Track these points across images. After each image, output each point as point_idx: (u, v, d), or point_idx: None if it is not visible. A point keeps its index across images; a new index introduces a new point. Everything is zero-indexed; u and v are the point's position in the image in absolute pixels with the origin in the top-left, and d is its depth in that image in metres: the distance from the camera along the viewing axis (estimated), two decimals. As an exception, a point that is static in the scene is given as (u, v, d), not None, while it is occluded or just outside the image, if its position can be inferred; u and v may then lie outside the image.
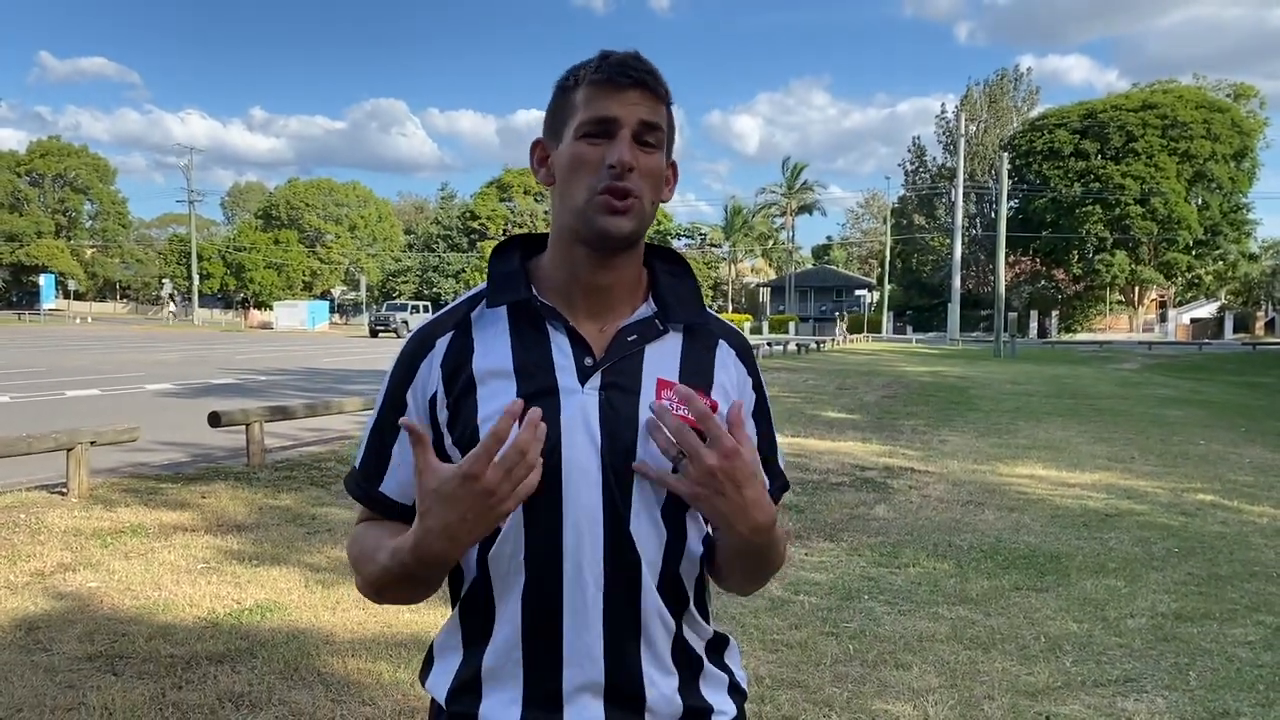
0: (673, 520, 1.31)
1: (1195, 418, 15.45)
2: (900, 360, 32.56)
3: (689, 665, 1.34)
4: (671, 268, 1.40)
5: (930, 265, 70.10)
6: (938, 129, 70.96)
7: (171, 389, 17.69)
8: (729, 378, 1.37)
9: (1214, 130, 58.42)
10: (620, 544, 1.27)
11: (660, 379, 1.29)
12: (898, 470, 9.45)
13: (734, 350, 1.40)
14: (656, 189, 1.30)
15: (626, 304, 1.35)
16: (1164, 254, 61.29)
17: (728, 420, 1.21)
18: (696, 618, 1.36)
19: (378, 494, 1.37)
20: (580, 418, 1.26)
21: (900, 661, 4.36)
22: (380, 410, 1.38)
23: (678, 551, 1.31)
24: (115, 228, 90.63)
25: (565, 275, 1.33)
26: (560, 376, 1.28)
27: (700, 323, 1.37)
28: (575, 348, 1.30)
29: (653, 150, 1.28)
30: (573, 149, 1.27)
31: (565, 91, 1.30)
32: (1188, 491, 8.64)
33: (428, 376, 1.33)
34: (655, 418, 1.22)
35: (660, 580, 1.30)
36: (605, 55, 1.28)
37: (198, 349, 33.98)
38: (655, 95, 1.28)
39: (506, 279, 1.34)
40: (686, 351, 1.35)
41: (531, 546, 1.27)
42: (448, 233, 80.00)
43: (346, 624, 4.72)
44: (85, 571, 5.53)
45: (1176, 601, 5.33)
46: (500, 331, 1.32)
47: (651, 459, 1.26)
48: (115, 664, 4.15)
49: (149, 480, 8.25)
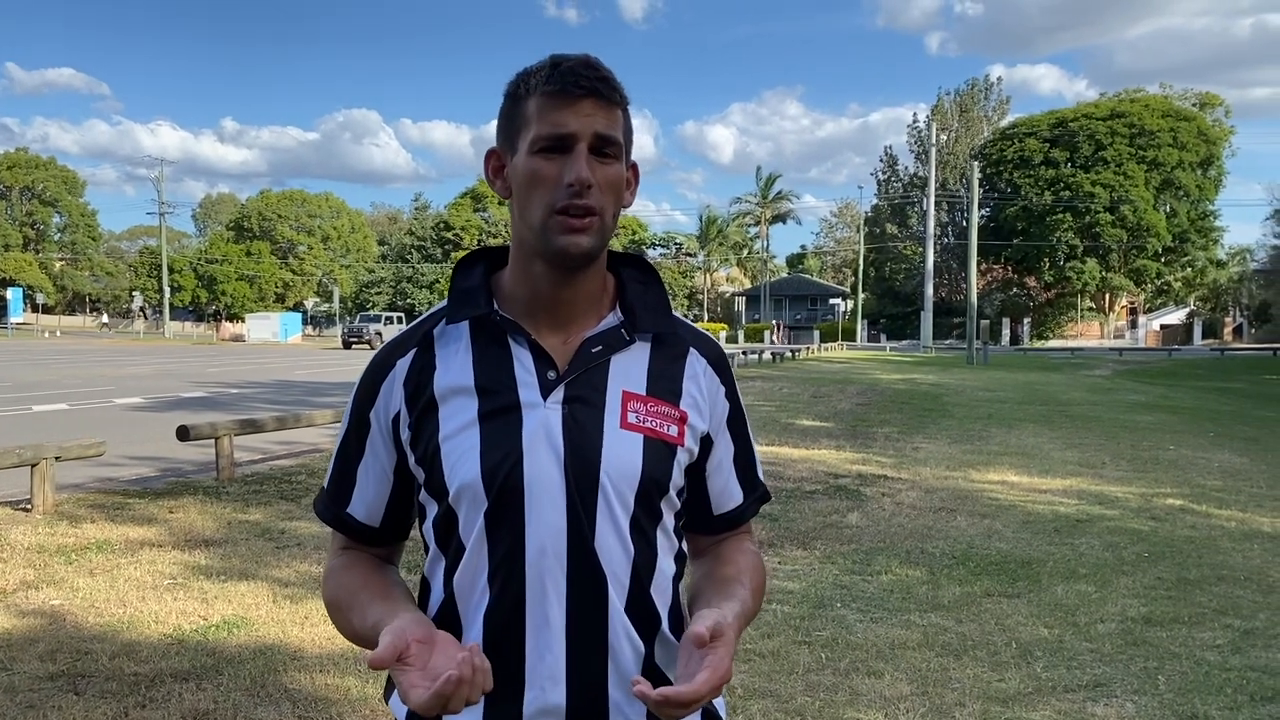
0: (642, 538, 1.28)
1: (1165, 423, 15.59)
2: (874, 368, 32.70)
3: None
4: (639, 275, 1.37)
5: (903, 274, 70.45)
6: (909, 138, 71.54)
7: (141, 403, 17.50)
8: (699, 387, 1.34)
9: (1181, 139, 59.20)
10: (585, 562, 1.24)
11: (626, 391, 1.28)
12: (871, 478, 9.47)
13: (705, 359, 1.36)
14: (617, 199, 1.26)
15: (592, 314, 1.31)
16: (1134, 261, 61.96)
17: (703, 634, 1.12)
18: (671, 640, 1.31)
19: (345, 515, 1.35)
20: (542, 433, 1.24)
21: (872, 669, 4.36)
22: (345, 432, 1.36)
23: (648, 570, 1.28)
24: (85, 240, 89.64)
25: (527, 290, 1.29)
26: (522, 391, 1.26)
27: (669, 331, 1.34)
28: (538, 361, 1.27)
29: (611, 160, 1.24)
30: (528, 164, 1.23)
31: (517, 100, 1.26)
32: (1157, 496, 8.71)
33: (390, 396, 1.31)
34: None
35: (629, 600, 1.26)
36: (556, 63, 1.23)
37: (168, 362, 33.65)
38: (610, 102, 1.23)
39: (467, 294, 1.31)
40: (654, 361, 1.32)
41: (494, 566, 1.24)
42: (422, 243, 79.70)
43: (315, 639, 4.67)
44: (48, 589, 5.44)
45: (1146, 606, 5.36)
46: (462, 348, 1.30)
47: (618, 472, 1.24)
48: (77, 683, 4.08)
49: (116, 495, 8.14)
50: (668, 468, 1.28)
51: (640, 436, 1.27)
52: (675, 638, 1.31)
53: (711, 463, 1.37)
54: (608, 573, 1.24)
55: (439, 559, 1.32)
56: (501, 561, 1.24)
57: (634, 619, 1.27)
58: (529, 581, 1.23)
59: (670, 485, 1.30)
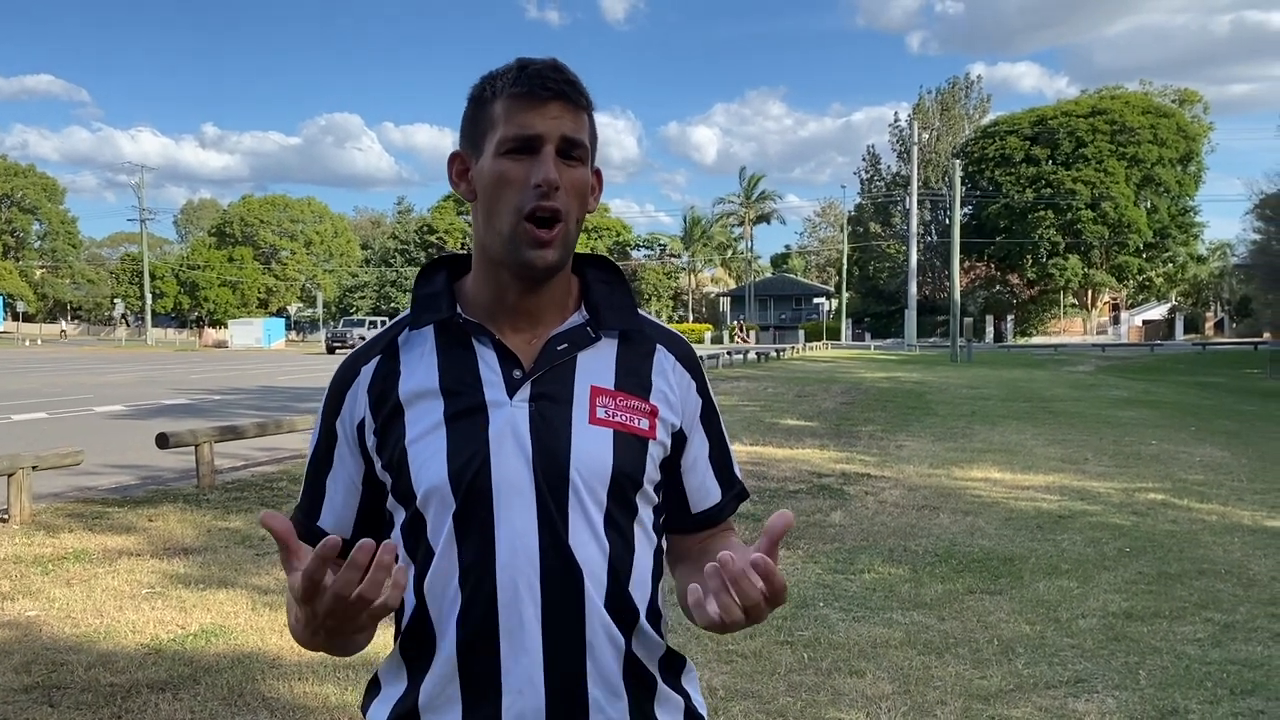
0: (617, 533, 1.26)
1: (1147, 418, 15.68)
2: (858, 367, 32.77)
3: (641, 685, 1.28)
4: (603, 275, 1.36)
5: (887, 272, 70.65)
6: (891, 137, 71.71)
7: (122, 411, 17.38)
8: (668, 383, 1.33)
9: (1160, 135, 59.58)
10: (559, 561, 1.22)
11: (594, 386, 1.27)
12: (854, 476, 9.47)
13: (674, 355, 1.35)
14: (582, 204, 1.26)
15: (556, 315, 1.31)
16: (1115, 257, 62.31)
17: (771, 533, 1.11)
18: (649, 633, 1.29)
19: (317, 529, 1.32)
20: (509, 431, 1.22)
21: (854, 669, 4.35)
22: (314, 443, 1.35)
23: (625, 565, 1.26)
24: (65, 248, 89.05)
25: (491, 294, 1.29)
26: (488, 391, 1.24)
27: (635, 328, 1.33)
28: (503, 361, 1.26)
29: (577, 164, 1.24)
30: (495, 165, 1.22)
31: (482, 103, 1.25)
32: (1139, 491, 8.74)
33: (354, 404, 1.30)
34: (717, 569, 1.11)
35: (607, 596, 1.24)
36: (523, 65, 1.23)
37: (150, 369, 33.45)
38: (577, 106, 1.23)
39: (430, 300, 1.31)
40: (622, 357, 1.31)
41: (465, 570, 1.22)
42: (405, 247, 79.51)
43: (294, 647, 4.63)
44: (24, 600, 5.38)
45: (1127, 601, 5.37)
46: (426, 352, 1.29)
47: (588, 468, 1.23)
48: (52, 695, 4.03)
49: (94, 504, 8.07)
50: (640, 461, 1.27)
51: (610, 431, 1.25)
52: (654, 631, 1.30)
53: (686, 460, 1.36)
54: (584, 569, 1.22)
55: (408, 565, 1.29)
56: (472, 564, 1.22)
57: (614, 614, 1.25)
58: (500, 583, 1.21)
59: (644, 479, 1.28)
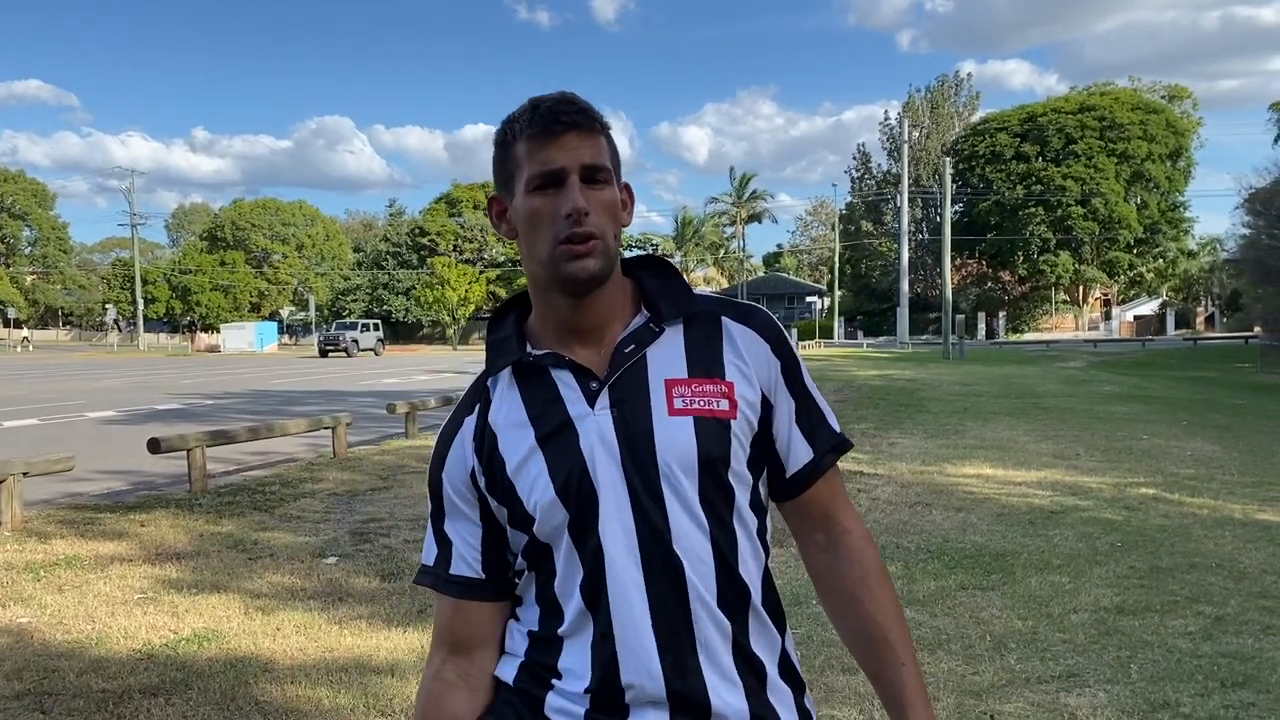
0: (716, 518, 1.30)
1: (1139, 413, 15.72)
2: (851, 365, 32.81)
3: (753, 674, 1.32)
4: (655, 272, 1.42)
5: (879, 270, 70.71)
6: (882, 135, 71.69)
7: (114, 416, 17.34)
8: (741, 355, 1.35)
9: (1150, 131, 59.75)
10: (660, 555, 1.27)
11: (668, 379, 1.31)
12: (847, 474, 9.46)
13: (742, 323, 1.38)
14: (615, 220, 1.32)
15: (618, 322, 1.36)
16: (1106, 253, 62.49)
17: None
18: (764, 616, 1.34)
19: (450, 577, 1.39)
20: (597, 439, 1.28)
21: (847, 666, 4.35)
22: (431, 506, 1.43)
23: (730, 548, 1.31)
24: (56, 253, 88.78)
25: (553, 320, 1.35)
26: (571, 407, 1.31)
27: (695, 311, 1.37)
28: (579, 377, 1.32)
29: (602, 185, 1.30)
30: (527, 204, 1.29)
31: (505, 146, 1.33)
32: (1131, 486, 8.77)
33: (462, 456, 1.37)
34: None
35: (716, 582, 1.29)
36: (535, 104, 1.30)
37: (143, 374, 33.36)
38: (592, 131, 1.30)
39: (500, 345, 1.39)
40: (690, 343, 1.35)
41: (586, 579, 1.29)
42: (397, 249, 79.35)
43: (287, 650, 4.62)
44: (15, 606, 5.37)
45: (1119, 595, 5.39)
46: (510, 390, 1.36)
47: (675, 459, 1.27)
48: (44, 701, 4.03)
49: (86, 510, 8.05)
50: (725, 442, 1.30)
51: (690, 419, 1.29)
52: (767, 614, 1.34)
53: (776, 426, 1.38)
54: (686, 561, 1.27)
55: (529, 580, 1.37)
56: (590, 572, 1.29)
57: (722, 601, 1.29)
58: (610, 582, 1.27)
59: (732, 459, 1.31)
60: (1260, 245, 32.03)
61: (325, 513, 7.88)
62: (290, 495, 8.61)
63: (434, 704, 1.39)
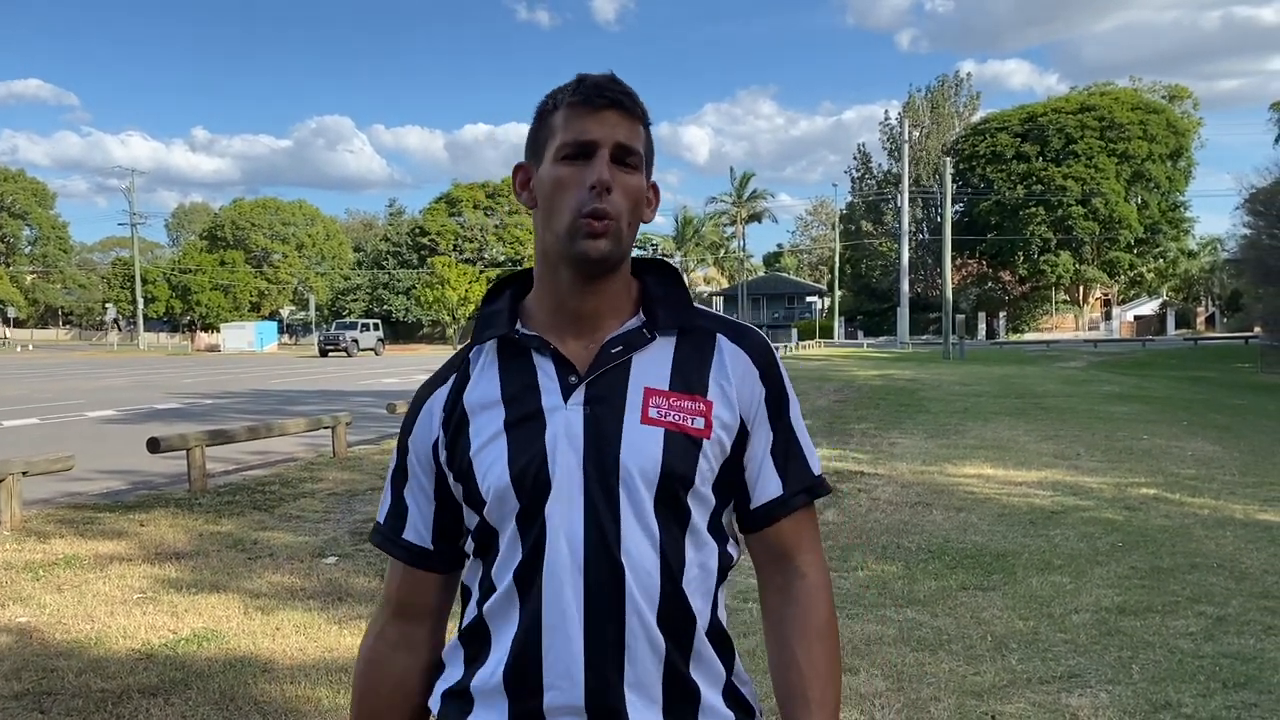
0: (669, 534, 1.26)
1: (1139, 413, 15.71)
2: (852, 365, 32.81)
3: (685, 698, 1.27)
4: (661, 277, 1.39)
5: (879, 270, 70.67)
6: (882, 135, 71.59)
7: (114, 415, 17.33)
8: (727, 377, 1.31)
9: (1150, 131, 59.73)
10: (604, 560, 1.24)
11: (648, 388, 1.28)
12: (848, 474, 9.47)
13: (736, 344, 1.34)
14: (637, 210, 1.30)
15: (615, 320, 1.33)
16: (1106, 253, 62.46)
17: None
18: (709, 650, 1.29)
19: (402, 542, 1.39)
20: (564, 433, 1.26)
21: (848, 666, 4.35)
22: (393, 462, 1.42)
23: (678, 567, 1.26)
24: (56, 253, 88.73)
25: (552, 301, 1.33)
26: (544, 397, 1.29)
27: (691, 324, 1.34)
28: (559, 368, 1.30)
29: (632, 171, 1.29)
30: (553, 171, 1.28)
31: (544, 115, 1.31)
32: (1131, 486, 8.76)
33: (428, 424, 1.36)
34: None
35: (660, 599, 1.25)
36: (582, 79, 1.29)
37: (142, 374, 33.36)
38: (633, 115, 1.29)
39: (491, 318, 1.37)
40: (679, 356, 1.32)
41: (520, 567, 1.27)
42: (397, 249, 79.36)
43: (286, 650, 4.61)
44: (15, 606, 5.36)
45: (1120, 595, 5.38)
46: (488, 367, 1.35)
47: (636, 467, 1.24)
48: (43, 701, 4.02)
49: (86, 510, 8.05)
50: (692, 461, 1.26)
51: (661, 431, 1.26)
52: (711, 644, 1.30)
53: (749, 454, 1.34)
54: (630, 571, 1.23)
55: (476, 566, 1.35)
56: (526, 562, 1.26)
57: (662, 622, 1.25)
58: (546, 581, 1.24)
59: (696, 478, 1.27)
60: (1261, 245, 32.00)
61: (325, 512, 7.87)
62: (290, 495, 8.60)
63: (375, 664, 1.40)
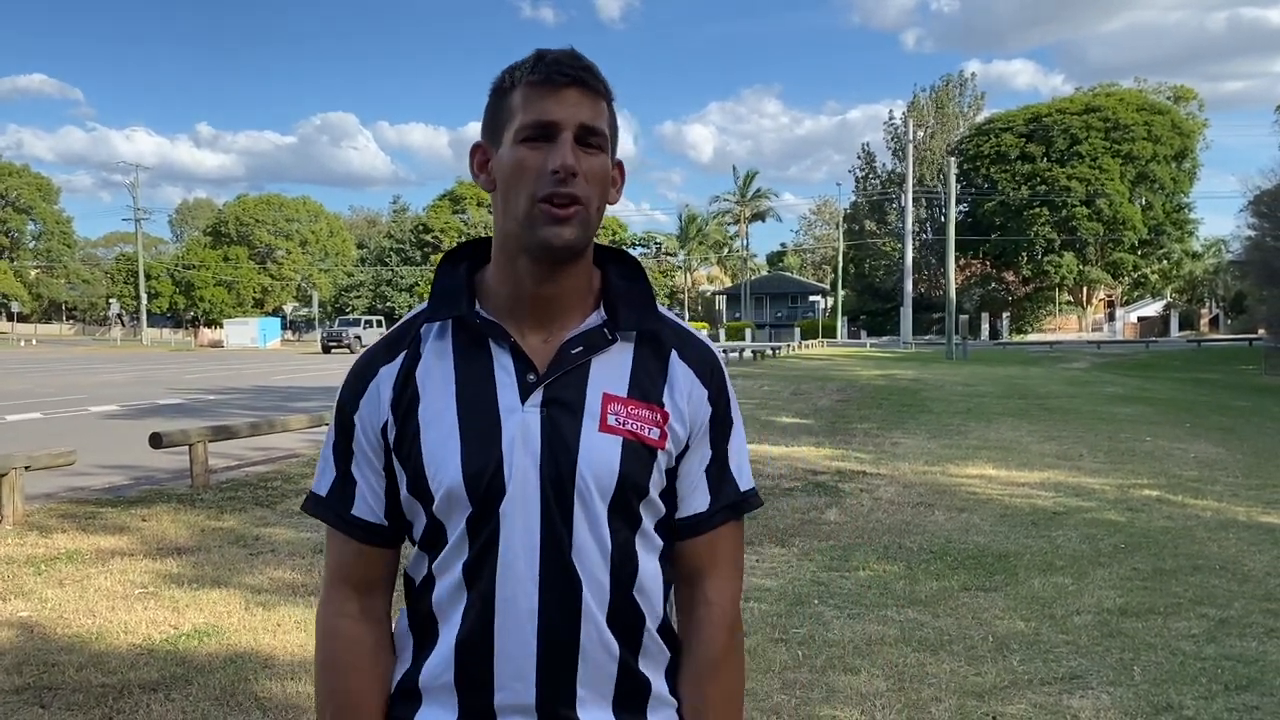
0: (620, 541, 1.26)
1: (1142, 414, 15.68)
2: (854, 365, 32.77)
3: (636, 694, 1.29)
4: (624, 270, 1.34)
5: (883, 270, 70.62)
6: (886, 135, 71.52)
7: (116, 410, 17.34)
8: (681, 391, 1.30)
9: (1155, 132, 59.60)
10: (558, 566, 1.23)
11: (606, 393, 1.26)
12: (849, 474, 9.47)
13: (688, 363, 1.32)
14: (603, 192, 1.25)
15: (575, 312, 1.29)
16: (1110, 254, 62.35)
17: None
18: (656, 641, 1.31)
19: (352, 517, 1.32)
20: (520, 437, 1.23)
21: (849, 666, 4.34)
22: (333, 436, 1.35)
23: (629, 573, 1.27)
24: (60, 248, 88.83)
25: (510, 288, 1.27)
26: (501, 395, 1.25)
27: (652, 330, 1.31)
28: (517, 363, 1.26)
29: (596, 151, 1.23)
30: (513, 154, 1.22)
31: (502, 94, 1.25)
32: (1134, 487, 8.74)
33: (376, 402, 1.30)
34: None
35: (609, 603, 1.25)
36: (541, 55, 1.23)
37: (145, 369, 33.39)
38: (595, 93, 1.23)
39: (448, 293, 1.30)
40: (637, 362, 1.29)
41: (470, 567, 1.24)
42: (401, 246, 79.36)
43: (287, 646, 4.61)
44: (16, 600, 5.36)
45: (1122, 597, 5.37)
46: (444, 351, 1.29)
47: (594, 475, 1.22)
48: (43, 696, 4.02)
49: (88, 505, 8.05)
50: (647, 470, 1.26)
51: (619, 439, 1.25)
52: (662, 642, 1.31)
53: (684, 466, 1.33)
54: (583, 576, 1.23)
55: (421, 559, 1.31)
56: (477, 563, 1.24)
57: (613, 623, 1.25)
58: (500, 583, 1.23)
59: (650, 487, 1.27)
60: (1265, 247, 31.91)
61: (327, 509, 7.85)
62: (292, 491, 8.60)
63: (339, 637, 1.33)
